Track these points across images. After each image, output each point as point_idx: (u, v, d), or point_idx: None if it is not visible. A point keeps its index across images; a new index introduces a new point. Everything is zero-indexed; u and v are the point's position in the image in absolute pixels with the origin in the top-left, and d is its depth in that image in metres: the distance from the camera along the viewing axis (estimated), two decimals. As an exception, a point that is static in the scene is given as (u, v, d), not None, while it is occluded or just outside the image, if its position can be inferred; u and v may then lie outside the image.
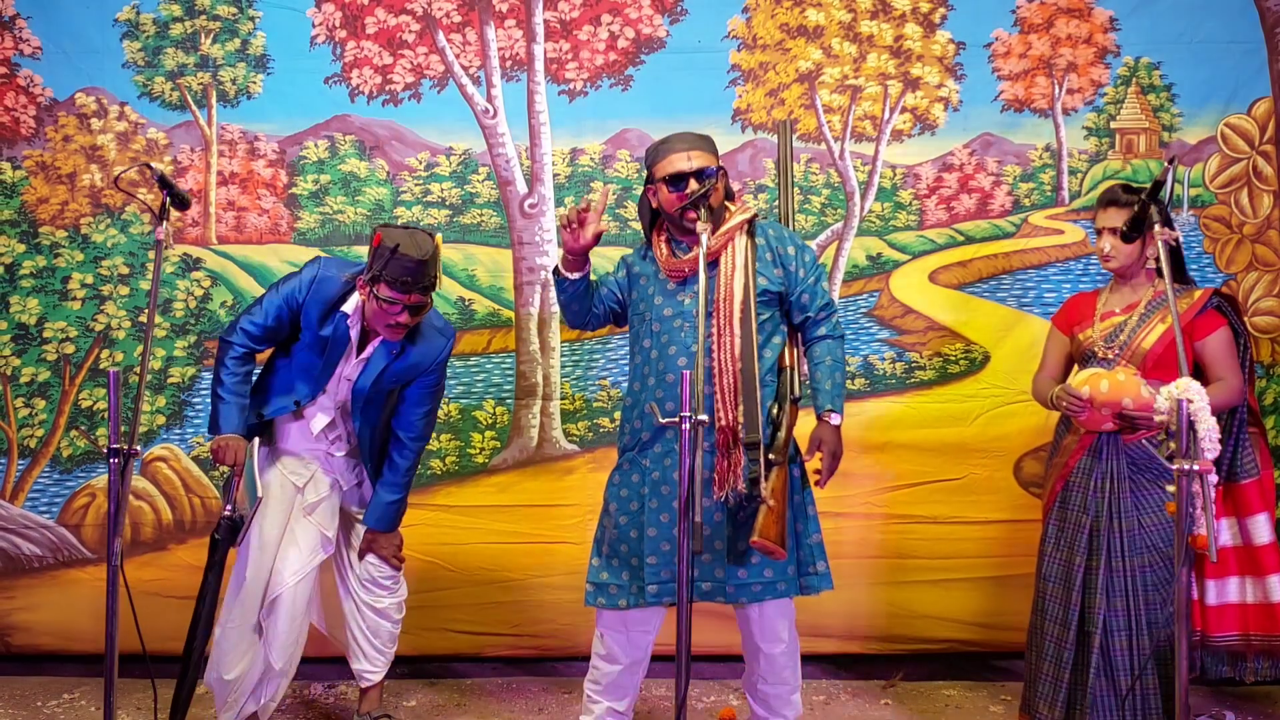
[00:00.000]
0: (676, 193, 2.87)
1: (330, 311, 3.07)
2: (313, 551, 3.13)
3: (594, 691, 3.09)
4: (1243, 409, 3.11)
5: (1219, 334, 3.05)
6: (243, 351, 3.11)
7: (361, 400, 3.13)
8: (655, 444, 2.93)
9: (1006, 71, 3.83)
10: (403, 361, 3.13)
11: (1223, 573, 3.11)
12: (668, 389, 2.89)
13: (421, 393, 3.22)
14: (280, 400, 3.16)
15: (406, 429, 3.23)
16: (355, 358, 3.12)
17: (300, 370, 3.14)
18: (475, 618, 3.88)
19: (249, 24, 3.85)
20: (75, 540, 3.90)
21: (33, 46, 3.87)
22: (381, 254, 2.92)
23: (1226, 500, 3.14)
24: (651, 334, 2.96)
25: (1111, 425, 3.00)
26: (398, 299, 2.96)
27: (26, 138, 3.89)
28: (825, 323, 2.99)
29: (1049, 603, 3.14)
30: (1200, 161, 3.80)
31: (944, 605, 3.82)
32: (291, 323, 3.11)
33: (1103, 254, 3.11)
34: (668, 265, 2.94)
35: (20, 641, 3.90)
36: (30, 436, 3.91)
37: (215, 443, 3.06)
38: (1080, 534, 3.09)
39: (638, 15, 3.82)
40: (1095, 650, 3.03)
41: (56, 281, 3.91)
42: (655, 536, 2.90)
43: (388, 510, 3.24)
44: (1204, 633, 3.12)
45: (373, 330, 3.10)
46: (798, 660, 3.06)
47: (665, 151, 2.91)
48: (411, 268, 2.92)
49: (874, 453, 3.84)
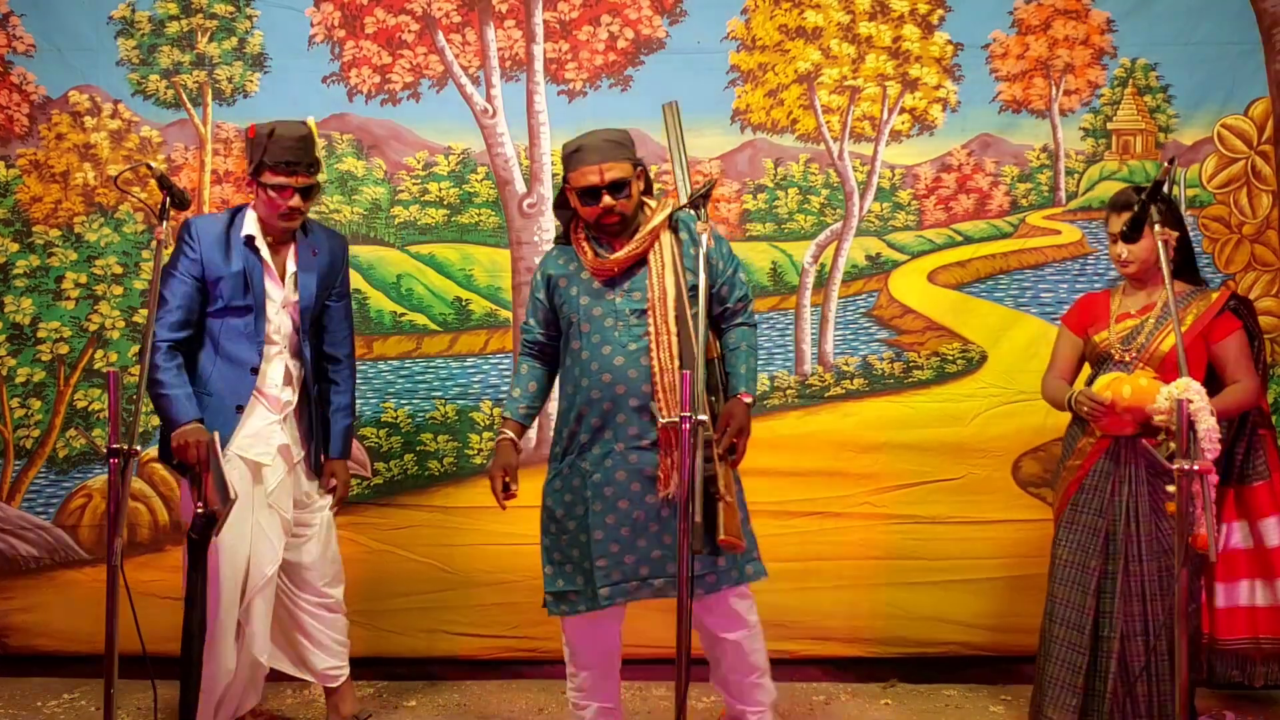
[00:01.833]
0: (591, 206, 2.86)
1: (229, 245, 3.08)
2: (280, 539, 3.13)
3: (579, 698, 3.08)
4: (1254, 411, 3.12)
5: (1235, 336, 3.06)
6: (166, 346, 3.03)
7: (309, 318, 3.16)
8: (594, 446, 2.91)
9: (1004, 73, 3.84)
10: (322, 257, 3.19)
11: (1233, 576, 3.11)
12: (605, 389, 2.88)
13: (341, 305, 3.28)
14: (239, 380, 3.09)
15: (340, 345, 3.29)
16: (283, 282, 3.13)
17: (237, 338, 3.09)
18: (474, 619, 3.87)
19: (246, 23, 3.83)
20: (71, 541, 3.87)
21: (26, 44, 3.84)
22: (259, 142, 3.00)
23: (1238, 503, 3.14)
24: (580, 334, 2.92)
25: (1132, 429, 3.01)
26: (285, 182, 3.01)
27: (20, 136, 3.86)
28: (742, 313, 3.04)
29: (1061, 606, 3.13)
30: (1197, 162, 3.81)
31: (944, 607, 3.82)
32: (201, 289, 3.07)
33: (1119, 259, 3.10)
34: (594, 265, 2.92)
35: (17, 643, 3.88)
36: (26, 437, 3.89)
37: (176, 440, 2.98)
38: (1095, 537, 3.09)
39: (637, 16, 3.82)
40: (1113, 656, 3.02)
41: (50, 281, 3.88)
42: (602, 539, 2.88)
43: (346, 434, 3.30)
44: (1213, 636, 3.11)
45: (273, 235, 3.12)
46: (763, 644, 3.06)
47: (577, 162, 2.85)
48: (292, 145, 3.00)
49: (872, 453, 3.84)
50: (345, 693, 3.37)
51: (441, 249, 3.88)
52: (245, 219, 3.12)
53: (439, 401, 3.88)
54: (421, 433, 3.88)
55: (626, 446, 2.88)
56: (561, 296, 2.98)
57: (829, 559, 3.80)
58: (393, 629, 3.85)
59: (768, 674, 3.09)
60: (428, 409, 3.88)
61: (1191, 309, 3.07)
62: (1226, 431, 3.10)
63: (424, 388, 3.89)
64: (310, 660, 3.31)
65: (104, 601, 2.55)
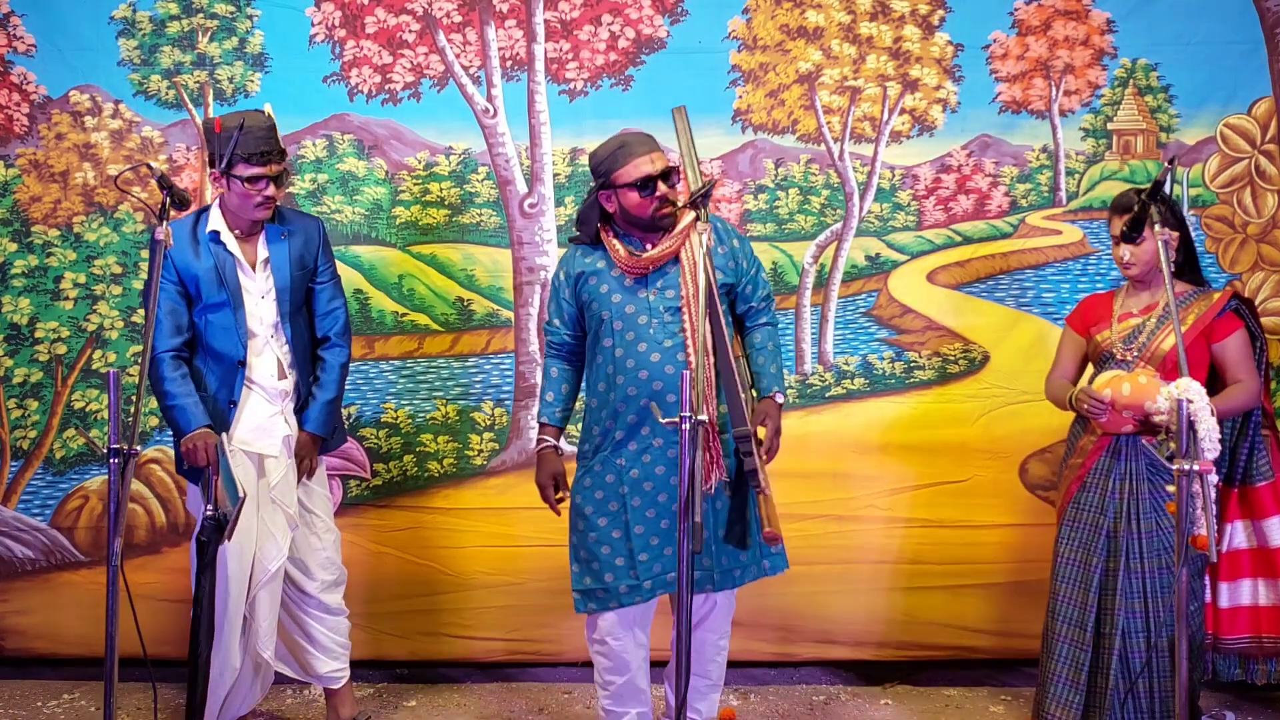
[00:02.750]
0: (647, 197, 2.86)
1: (197, 243, 3.08)
2: (286, 535, 3.12)
3: (612, 704, 3.04)
4: (1258, 412, 3.13)
5: (1236, 336, 3.06)
6: (170, 356, 3.06)
7: (288, 300, 3.13)
8: (630, 442, 2.92)
9: (1004, 73, 3.84)
10: (294, 237, 3.17)
11: (1236, 575, 3.12)
12: (642, 385, 2.89)
13: (326, 284, 3.25)
14: (229, 375, 3.10)
15: (330, 324, 3.26)
16: (254, 270, 3.12)
17: (219, 334, 3.09)
18: (474, 621, 3.85)
19: (247, 22, 3.82)
20: (68, 543, 3.85)
21: (27, 44, 3.83)
22: (228, 135, 2.97)
23: (1241, 503, 3.15)
24: (613, 332, 2.93)
25: (1131, 427, 3.01)
26: (260, 172, 3.00)
27: (19, 136, 3.85)
28: (765, 312, 3.08)
29: (1063, 604, 3.14)
30: (1199, 162, 3.80)
31: (951, 611, 3.81)
32: (183, 294, 3.09)
33: (1122, 261, 3.11)
34: (628, 263, 2.91)
35: (14, 645, 3.86)
36: (23, 438, 3.87)
37: (185, 444, 3.00)
38: (1097, 535, 3.09)
39: (638, 15, 3.82)
40: (1115, 653, 3.03)
41: (49, 281, 3.86)
42: (643, 534, 2.90)
43: (323, 411, 3.21)
44: (1216, 635, 3.12)
45: (240, 229, 3.11)
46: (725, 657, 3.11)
47: (626, 155, 2.86)
48: (263, 135, 3.00)
49: (875, 454, 3.83)
50: (345, 695, 3.37)
51: (443, 249, 3.87)
52: (209, 216, 3.12)
53: (440, 402, 3.87)
54: (422, 433, 3.86)
55: (665, 442, 2.91)
56: (591, 294, 2.97)
57: (834, 563, 3.78)
58: (392, 630, 3.84)
59: (720, 690, 3.12)
60: (428, 409, 3.87)
61: (1193, 309, 3.07)
62: (1231, 432, 3.11)
63: (425, 388, 3.88)
64: (312, 664, 3.30)
65: (101, 604, 2.54)
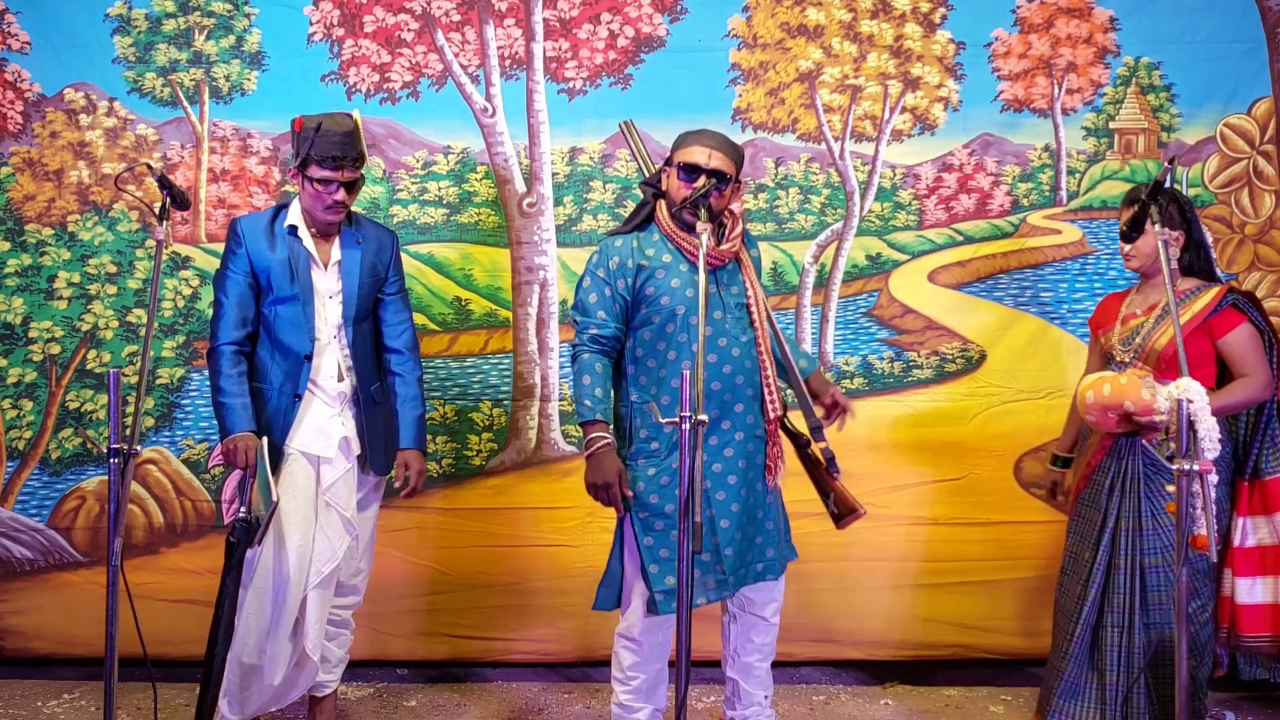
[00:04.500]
0: (686, 182, 2.90)
1: (274, 236, 3.09)
2: (341, 538, 3.11)
3: (630, 700, 3.04)
4: (1270, 405, 3.11)
5: (1239, 330, 3.05)
6: (232, 350, 3.07)
7: (355, 304, 3.13)
8: (709, 437, 2.91)
9: (1006, 71, 3.83)
10: (368, 244, 3.18)
11: (1254, 571, 3.11)
12: (725, 380, 2.93)
13: (395, 296, 3.27)
14: (295, 368, 3.09)
15: (399, 337, 3.27)
16: (326, 270, 3.13)
17: (288, 327, 3.09)
18: (473, 622, 3.84)
19: (244, 20, 3.80)
20: (65, 543, 3.83)
21: (21, 41, 3.80)
22: (306, 136, 2.98)
23: (1254, 498, 3.14)
24: (689, 327, 2.93)
25: (1119, 426, 3.01)
26: (331, 176, 3.00)
27: (13, 134, 3.82)
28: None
29: (1065, 600, 3.18)
30: (1199, 161, 3.80)
31: (950, 609, 3.82)
32: (253, 286, 3.09)
33: (1124, 254, 3.15)
34: (713, 253, 2.92)
35: (13, 645, 3.84)
36: (18, 438, 3.85)
37: (226, 445, 3.03)
38: (1094, 531, 3.12)
39: (637, 14, 3.80)
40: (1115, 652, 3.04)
41: (43, 280, 3.84)
42: (728, 528, 2.95)
43: (418, 425, 3.27)
44: (1234, 632, 3.11)
45: (317, 228, 3.12)
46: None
47: (691, 140, 2.94)
48: (339, 140, 2.98)
49: (873, 452, 3.83)
50: (327, 706, 3.36)
51: (441, 248, 3.85)
52: (289, 210, 3.14)
53: (438, 402, 3.85)
54: (420, 433, 3.85)
55: (746, 436, 2.97)
56: (657, 286, 2.95)
57: (831, 560, 3.77)
58: (392, 631, 3.83)
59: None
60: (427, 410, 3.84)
61: (1190, 305, 3.07)
62: (1246, 426, 3.12)
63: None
64: None
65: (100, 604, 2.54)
